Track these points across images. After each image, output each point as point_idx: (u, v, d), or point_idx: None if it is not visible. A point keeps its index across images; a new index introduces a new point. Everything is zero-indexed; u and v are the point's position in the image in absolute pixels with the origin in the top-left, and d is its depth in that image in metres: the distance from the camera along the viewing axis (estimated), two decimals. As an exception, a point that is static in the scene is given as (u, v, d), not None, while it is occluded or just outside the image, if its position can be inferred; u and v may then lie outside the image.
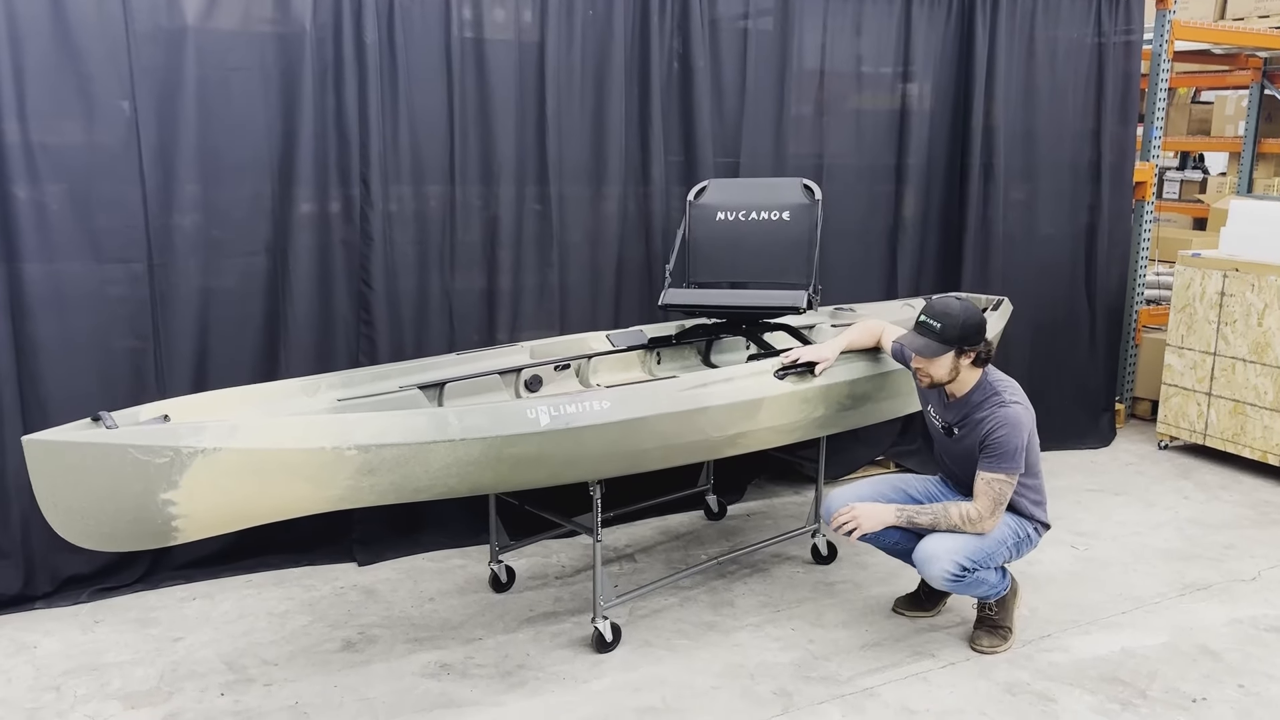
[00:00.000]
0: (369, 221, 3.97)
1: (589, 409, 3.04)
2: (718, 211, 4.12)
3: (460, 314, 4.23)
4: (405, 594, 3.88)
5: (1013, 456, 3.28)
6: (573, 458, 3.06)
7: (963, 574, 3.29)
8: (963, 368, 3.37)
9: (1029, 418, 3.33)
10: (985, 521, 3.31)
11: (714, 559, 3.91)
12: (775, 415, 3.43)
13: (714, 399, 3.28)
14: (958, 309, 3.32)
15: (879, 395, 3.79)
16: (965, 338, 3.31)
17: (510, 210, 4.23)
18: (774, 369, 3.48)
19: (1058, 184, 5.61)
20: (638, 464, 3.26)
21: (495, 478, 2.98)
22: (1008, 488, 3.30)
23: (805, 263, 3.98)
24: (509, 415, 2.93)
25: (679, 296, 3.95)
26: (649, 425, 3.15)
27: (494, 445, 2.90)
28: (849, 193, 5.00)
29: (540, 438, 2.96)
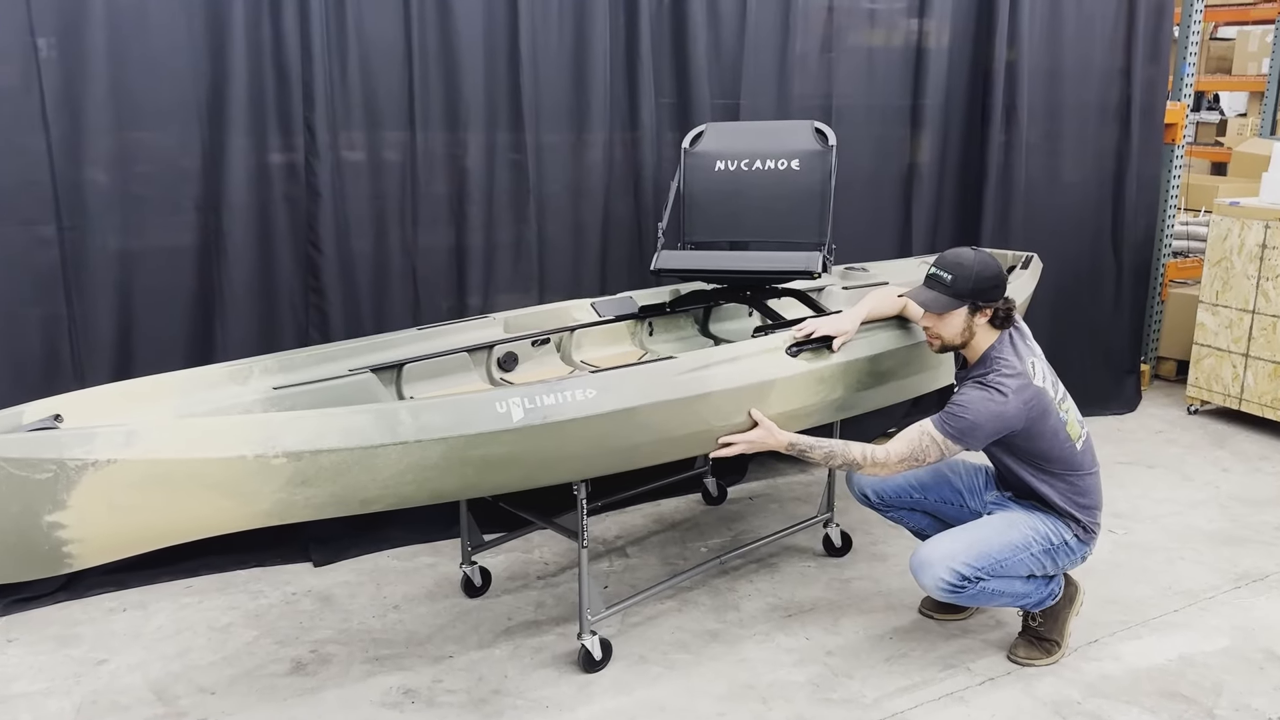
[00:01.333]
0: (315, 174, 3.41)
1: (571, 399, 2.53)
2: (716, 160, 3.57)
3: (425, 279, 3.69)
4: (366, 601, 3.39)
5: (962, 424, 2.80)
6: (552, 457, 2.55)
7: (962, 584, 2.83)
8: (978, 328, 2.88)
9: (1011, 412, 2.80)
10: (888, 467, 2.84)
11: (715, 556, 3.42)
12: (788, 399, 2.93)
13: (717, 383, 2.77)
14: (971, 259, 2.85)
15: (905, 371, 3.28)
16: (980, 292, 2.82)
17: (479, 160, 3.68)
18: (785, 345, 2.97)
19: (1083, 127, 5.09)
20: (628, 461, 2.75)
21: (460, 483, 2.47)
22: (934, 451, 2.82)
23: (818, 219, 3.45)
24: (474, 410, 2.42)
25: (674, 260, 3.42)
26: (642, 416, 2.64)
27: (456, 446, 2.39)
28: (859, 137, 4.46)
29: (513, 436, 2.45)
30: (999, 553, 2.88)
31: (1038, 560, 2.93)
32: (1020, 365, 2.86)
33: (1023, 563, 2.91)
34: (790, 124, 3.62)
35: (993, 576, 2.87)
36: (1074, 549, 2.98)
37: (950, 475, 3.18)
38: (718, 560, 3.39)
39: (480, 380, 3.15)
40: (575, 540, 2.92)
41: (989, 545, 2.88)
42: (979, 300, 2.84)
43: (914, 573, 2.89)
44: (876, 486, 3.19)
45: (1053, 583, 3.02)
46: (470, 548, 3.35)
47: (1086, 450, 3.00)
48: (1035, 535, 2.93)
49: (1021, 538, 2.91)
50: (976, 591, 2.86)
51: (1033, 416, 2.84)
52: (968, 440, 2.83)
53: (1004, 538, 2.90)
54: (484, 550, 3.45)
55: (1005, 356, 2.87)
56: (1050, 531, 2.95)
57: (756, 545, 3.57)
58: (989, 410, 2.80)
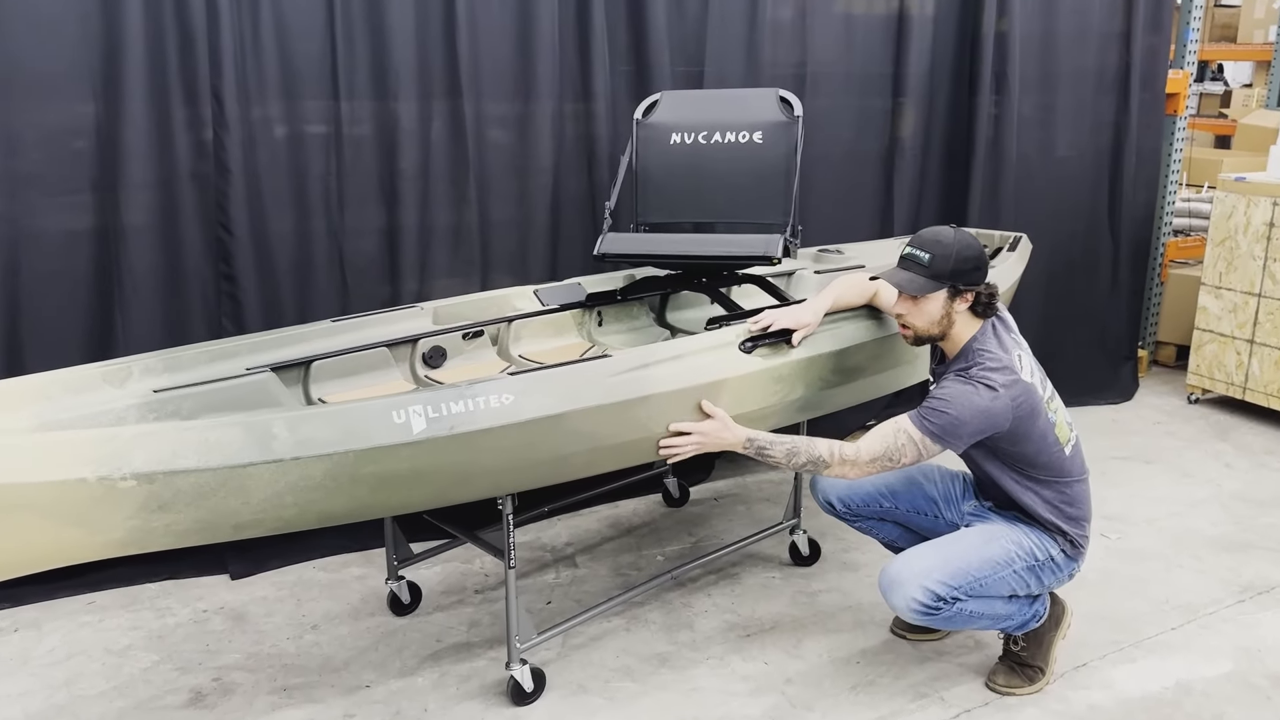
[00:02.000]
0: (225, 148, 3.06)
1: (483, 406, 2.19)
2: (672, 133, 3.22)
3: (355, 264, 3.35)
4: (283, 619, 3.07)
5: (943, 420, 2.47)
6: (463, 472, 2.23)
7: (937, 605, 2.51)
8: (957, 316, 2.56)
9: (998, 409, 2.48)
10: (859, 466, 2.52)
11: (668, 570, 3.10)
12: (741, 400, 2.60)
13: (659, 383, 2.44)
14: (951, 237, 2.53)
15: (876, 366, 2.95)
16: (960, 273, 2.51)
17: (412, 132, 3.33)
18: (738, 340, 2.64)
19: (1079, 96, 4.73)
20: (556, 473, 2.43)
21: (352, 505, 2.14)
22: (911, 451, 2.50)
23: (782, 197, 3.11)
24: (365, 421, 2.08)
25: (620, 243, 3.07)
26: (570, 424, 2.31)
27: (345, 463, 2.06)
28: (837, 108, 4.13)
29: (414, 450, 2.12)
30: (978, 570, 2.56)
31: (1021, 578, 2.61)
32: (1007, 358, 2.54)
33: (1004, 581, 2.59)
34: (753, 92, 3.26)
35: (971, 597, 2.55)
36: (1060, 566, 2.66)
37: (924, 482, 2.86)
38: (669, 576, 3.07)
39: (402, 378, 2.82)
40: (501, 560, 2.60)
41: (967, 561, 2.56)
42: (959, 283, 2.52)
43: (883, 592, 2.57)
44: (843, 494, 2.86)
45: (1037, 603, 2.71)
46: (397, 561, 3.03)
47: (1076, 455, 2.68)
48: (1018, 550, 2.61)
49: (1003, 553, 2.59)
50: (953, 613, 2.55)
51: (1020, 415, 2.52)
52: (949, 439, 2.50)
53: (983, 553, 2.59)
54: (415, 562, 3.12)
55: (989, 349, 2.55)
56: (1035, 546, 2.63)
57: (715, 556, 3.25)
58: (974, 406, 2.47)
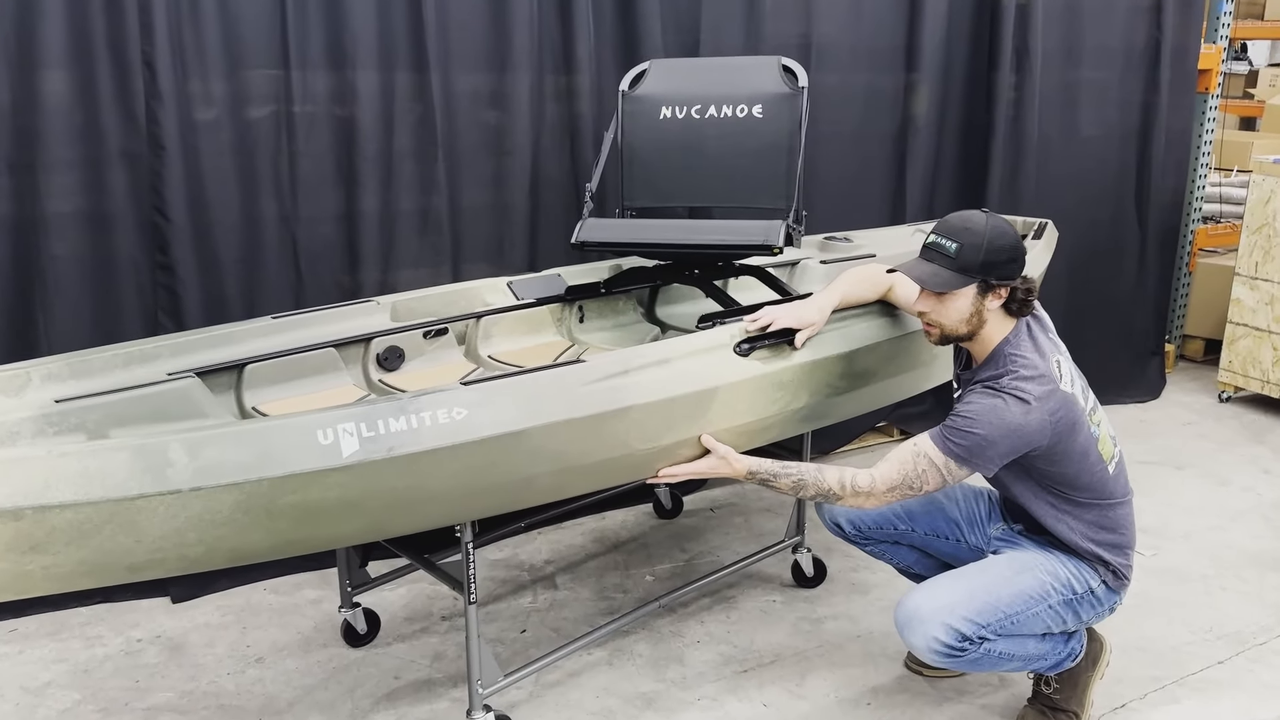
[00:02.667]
0: (159, 123, 2.72)
1: (430, 423, 1.85)
2: (662, 106, 2.87)
3: (310, 253, 3.01)
4: (224, 650, 2.74)
5: (970, 440, 2.13)
6: (406, 500, 1.89)
7: (962, 646, 2.17)
8: (988, 314, 2.21)
9: (1033, 425, 2.13)
10: (874, 498, 2.21)
11: (656, 598, 2.76)
12: (736, 410, 2.26)
13: (639, 393, 2.09)
14: (983, 224, 2.17)
15: (889, 369, 2.60)
16: (993, 266, 2.16)
17: (373, 108, 2.98)
18: (733, 341, 2.30)
19: (1105, 72, 4.37)
20: (517, 499, 2.08)
21: (271, 540, 1.80)
22: (934, 477, 2.17)
23: (784, 178, 2.76)
24: (283, 442, 1.74)
25: (602, 230, 2.71)
26: (534, 442, 1.97)
27: (259, 494, 1.72)
28: (845, 84, 3.76)
29: (345, 476, 1.78)
30: (1009, 605, 2.22)
31: (1056, 614, 2.27)
32: (1044, 365, 2.19)
33: (1038, 618, 2.25)
34: (752, 60, 2.90)
35: (1001, 636, 2.21)
36: (1101, 599, 2.32)
37: (945, 502, 2.52)
38: (658, 604, 2.73)
39: (353, 382, 2.48)
40: (460, 593, 2.27)
41: (996, 595, 2.22)
42: (992, 277, 2.17)
43: (900, 629, 2.23)
44: (853, 515, 2.53)
45: (1072, 640, 2.37)
46: (350, 587, 2.69)
47: (1120, 474, 2.33)
48: (1054, 582, 2.27)
49: (1037, 586, 2.25)
50: (980, 655, 2.21)
51: (1060, 431, 2.17)
52: (977, 462, 2.16)
53: (1015, 586, 2.24)
54: (374, 587, 2.79)
55: (1024, 353, 2.20)
56: (1072, 577, 2.28)
57: (710, 579, 2.91)
58: (1005, 422, 2.12)
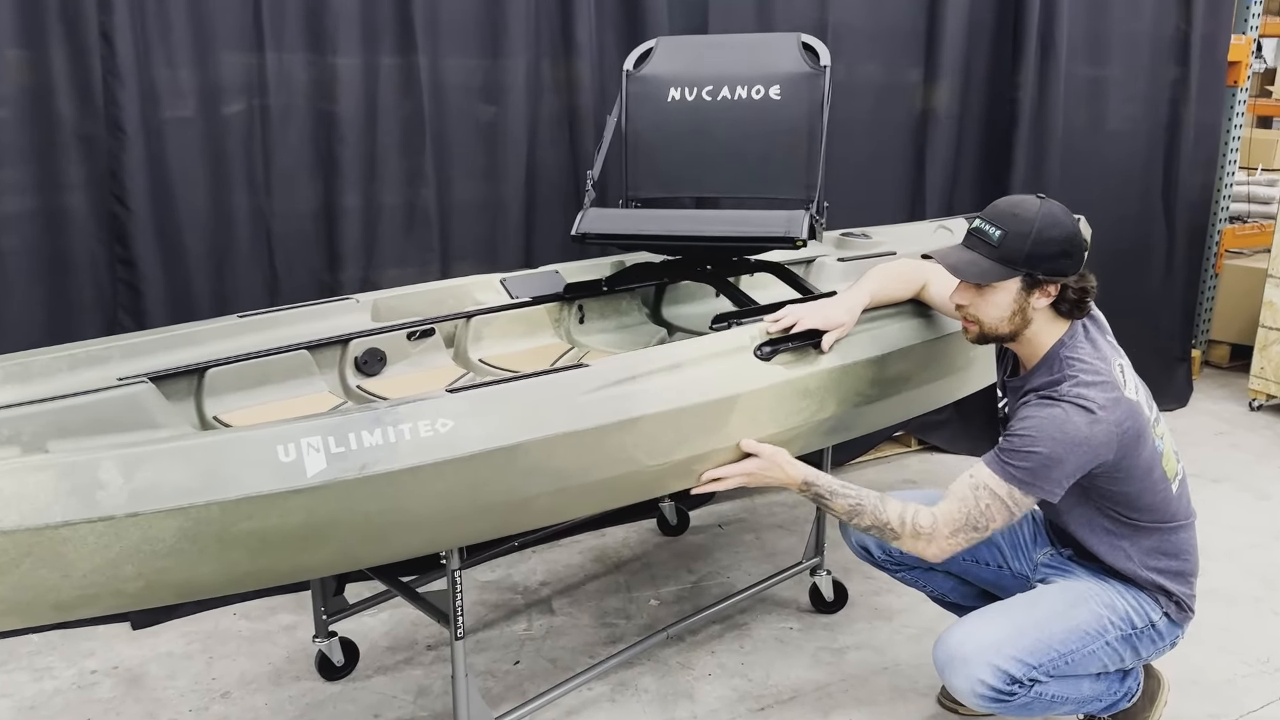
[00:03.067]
0: (118, 104, 2.47)
1: (410, 437, 1.60)
2: (670, 87, 2.63)
3: (286, 247, 2.75)
4: (187, 683, 2.48)
5: (1032, 463, 1.87)
6: (383, 526, 1.63)
7: (1011, 689, 1.93)
8: (1036, 313, 1.97)
9: (1100, 439, 1.88)
10: (936, 542, 1.93)
11: (664, 629, 2.50)
12: (757, 420, 2.01)
13: (649, 402, 1.84)
14: (1033, 212, 1.92)
15: (924, 375, 2.36)
16: (1040, 259, 1.91)
17: (355, 91, 2.73)
18: (754, 343, 2.05)
19: (1134, 62, 4.13)
20: (511, 522, 1.83)
21: (224, 573, 1.55)
22: (1000, 511, 1.90)
23: (804, 166, 2.51)
24: (237, 460, 1.49)
25: (605, 221, 2.46)
26: (529, 459, 1.72)
27: (207, 520, 1.47)
28: (862, 70, 3.52)
29: (310, 499, 1.53)
30: (1062, 643, 1.97)
31: (1113, 651, 2.03)
32: (1106, 369, 1.94)
33: (1094, 656, 2.01)
34: (768, 37, 2.65)
35: (1053, 677, 1.97)
36: (1162, 634, 2.07)
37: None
38: (664, 634, 2.48)
39: (329, 389, 2.23)
40: (446, 625, 2.01)
41: (1048, 632, 1.97)
42: (1038, 271, 1.92)
43: (941, 670, 1.98)
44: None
45: (1129, 678, 2.13)
46: (326, 615, 2.44)
47: (1183, 494, 2.09)
48: (1111, 616, 2.02)
49: (1093, 620, 2.01)
50: (1030, 699, 1.96)
51: (1126, 444, 1.92)
52: (1043, 486, 1.89)
53: (1068, 621, 2.00)
54: (353, 613, 2.53)
55: (1083, 357, 1.95)
56: (1131, 610, 2.04)
57: (721, 606, 2.65)
58: (1069, 436, 1.86)
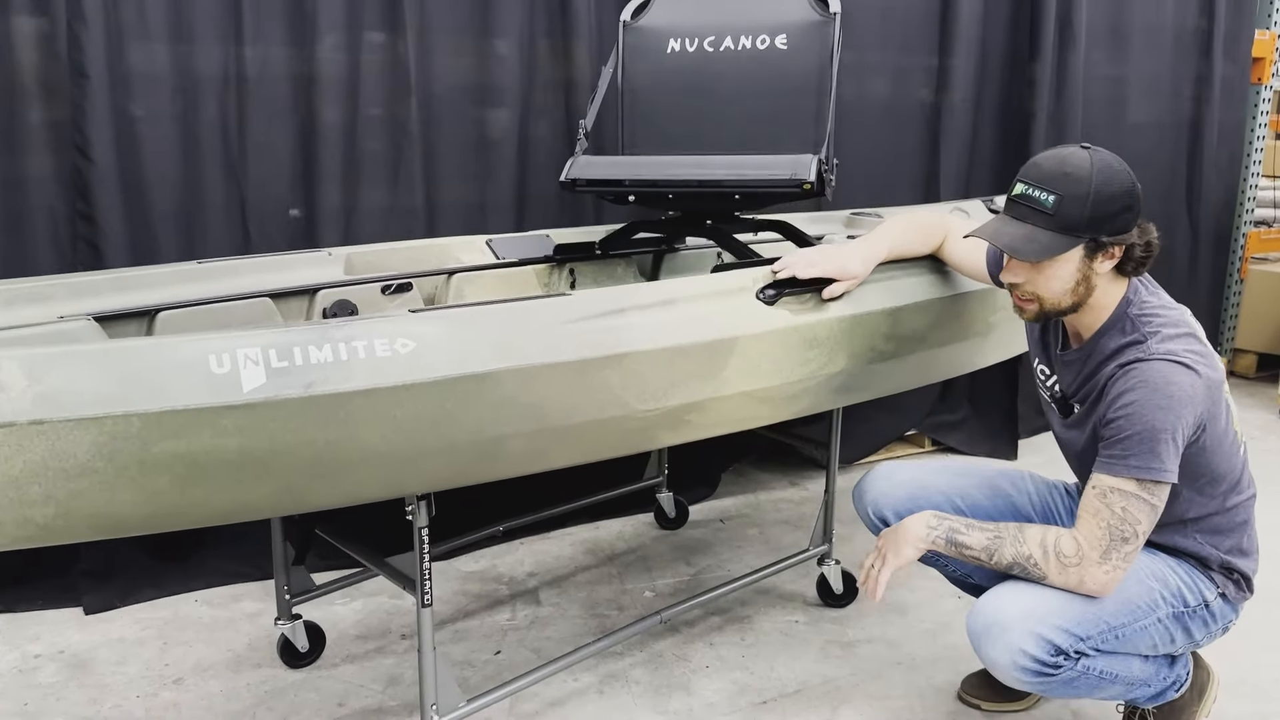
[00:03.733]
0: (81, 47, 2.31)
1: (366, 355, 1.42)
2: (669, 39, 2.47)
3: (260, 206, 2.58)
4: (138, 669, 2.27)
5: (1148, 446, 1.66)
6: (331, 458, 1.44)
7: (1056, 662, 1.71)
8: (1099, 278, 1.75)
9: (1200, 388, 1.67)
10: (1087, 569, 1.70)
11: (658, 613, 2.29)
12: (758, 368, 1.83)
13: (638, 338, 1.66)
14: (1086, 166, 1.68)
15: (939, 336, 2.17)
16: (1103, 220, 1.69)
17: (335, 42, 2.57)
18: (756, 285, 1.87)
19: (1156, 55, 3.98)
20: (482, 467, 1.63)
21: (149, 502, 1.35)
22: (1141, 510, 1.68)
23: (812, 121, 2.35)
24: (163, 366, 1.31)
25: (595, 167, 2.29)
26: (503, 389, 1.53)
27: (127, 435, 1.28)
28: (874, 52, 3.36)
29: (244, 418, 1.34)
30: (1113, 615, 1.75)
31: (1165, 630, 1.81)
32: (1180, 317, 1.76)
33: (1145, 632, 1.79)
34: (774, -15, 2.51)
35: (1101, 652, 1.75)
36: (1215, 615, 1.86)
37: (1014, 494, 2.06)
38: (658, 618, 2.27)
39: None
40: (411, 593, 1.81)
41: (1097, 603, 1.75)
42: (1102, 233, 1.70)
43: (977, 641, 1.76)
44: (900, 505, 2.04)
45: (1178, 664, 1.91)
46: (290, 596, 2.23)
47: (1246, 464, 1.88)
48: (1165, 591, 1.81)
49: (1145, 594, 1.79)
50: (1076, 674, 1.74)
51: (1214, 399, 1.72)
52: (1167, 466, 1.67)
53: (1120, 593, 1.77)
54: (318, 596, 2.33)
55: (1156, 310, 1.75)
56: (1185, 587, 1.82)
57: (722, 592, 2.44)
58: (1176, 398, 1.65)
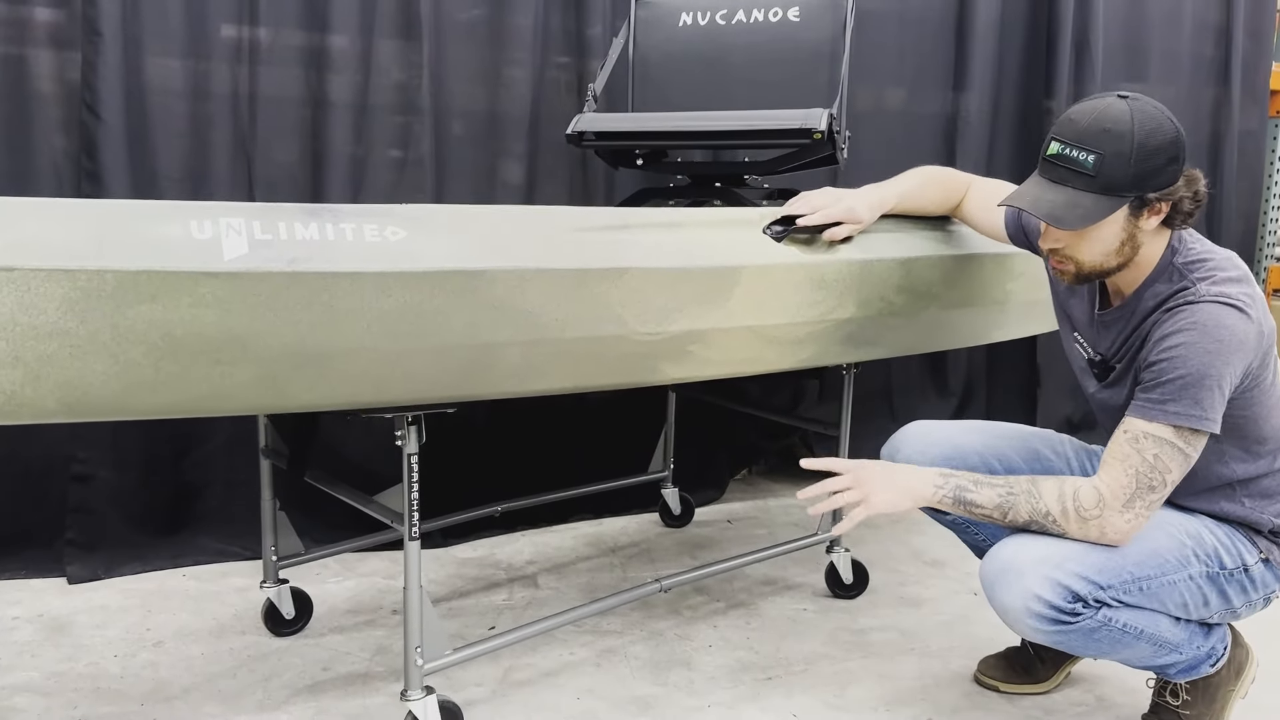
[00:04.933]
0: (95, 3, 2.32)
1: (352, 238, 1.37)
2: (681, 12, 2.46)
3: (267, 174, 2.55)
4: (117, 633, 2.18)
5: (1191, 392, 1.56)
6: (314, 346, 1.38)
7: (1074, 608, 1.59)
8: (1144, 235, 1.65)
9: (1252, 334, 1.58)
10: (1109, 517, 1.60)
11: (657, 579, 2.18)
12: (765, 305, 1.76)
13: (640, 255, 1.61)
14: (1127, 121, 1.56)
15: (953, 296, 2.10)
16: (1148, 176, 1.57)
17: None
18: (764, 221, 1.82)
19: (1172, 75, 3.96)
20: (474, 377, 1.55)
21: (122, 375, 1.28)
22: (1174, 458, 1.58)
23: (824, 92, 2.32)
24: (142, 225, 1.26)
25: (602, 121, 2.26)
26: (496, 290, 1.47)
27: (101, 293, 1.23)
28: (888, 56, 3.35)
29: (225, 287, 1.28)
30: (1137, 565, 1.64)
31: (1197, 589, 1.70)
32: (1230, 261, 1.65)
33: (1174, 587, 1.67)
34: (788, -39, 2.50)
35: (1124, 603, 1.63)
36: (1255, 581, 1.74)
37: (1051, 456, 1.94)
38: (657, 585, 2.16)
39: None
40: (400, 523, 1.73)
41: (1120, 551, 1.64)
42: (1148, 189, 1.59)
43: (989, 588, 1.65)
44: (929, 451, 1.89)
45: (1214, 635, 1.78)
46: (277, 558, 2.14)
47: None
48: (1198, 548, 1.70)
49: (1175, 548, 1.68)
50: (1096, 624, 1.62)
51: (1267, 349, 1.62)
52: (1209, 415, 1.56)
53: (1147, 542, 1.66)
54: (307, 561, 2.23)
55: (1204, 256, 1.65)
56: (1221, 547, 1.72)
57: (728, 566, 2.34)
58: (1226, 342, 1.55)
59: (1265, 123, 4.31)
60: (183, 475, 2.53)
